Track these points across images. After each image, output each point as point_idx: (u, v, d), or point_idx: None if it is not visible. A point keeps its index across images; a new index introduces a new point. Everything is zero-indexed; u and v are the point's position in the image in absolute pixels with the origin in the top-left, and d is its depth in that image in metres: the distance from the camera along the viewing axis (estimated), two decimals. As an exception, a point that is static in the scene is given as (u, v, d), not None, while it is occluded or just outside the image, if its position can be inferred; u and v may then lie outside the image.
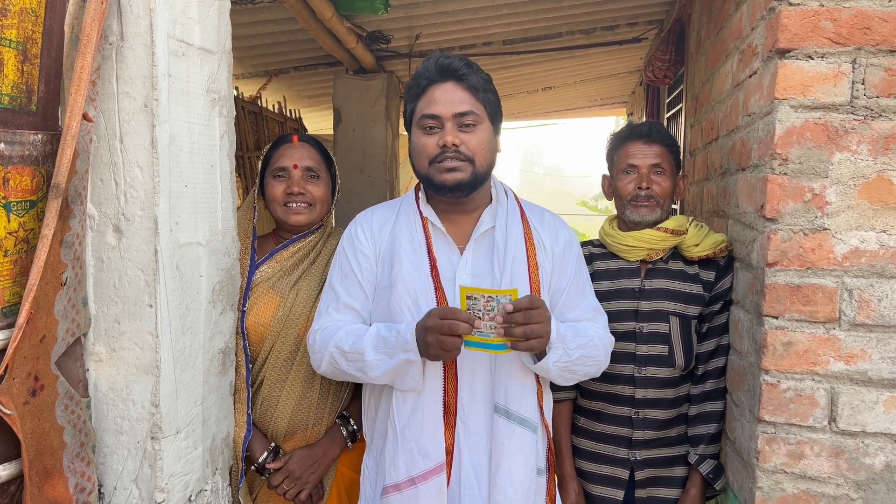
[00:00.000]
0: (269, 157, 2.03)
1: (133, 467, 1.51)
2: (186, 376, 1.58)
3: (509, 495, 1.64)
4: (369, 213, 1.83)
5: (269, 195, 2.00)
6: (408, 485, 1.63)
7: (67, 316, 1.38)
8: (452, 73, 1.67)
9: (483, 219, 1.74)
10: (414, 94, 1.72)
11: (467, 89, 1.67)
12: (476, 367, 1.67)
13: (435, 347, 1.52)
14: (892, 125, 1.63)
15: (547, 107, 8.86)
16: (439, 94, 1.67)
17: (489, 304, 1.50)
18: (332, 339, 1.68)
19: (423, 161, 1.68)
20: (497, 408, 1.66)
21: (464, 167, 1.65)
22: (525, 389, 1.68)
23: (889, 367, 1.65)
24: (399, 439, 1.65)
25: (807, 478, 1.70)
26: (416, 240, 1.70)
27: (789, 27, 1.65)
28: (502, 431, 1.65)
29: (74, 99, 1.32)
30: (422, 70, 1.71)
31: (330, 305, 1.76)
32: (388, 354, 1.60)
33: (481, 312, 1.51)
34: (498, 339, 1.52)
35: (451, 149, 1.64)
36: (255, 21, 4.39)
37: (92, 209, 1.48)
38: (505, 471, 1.64)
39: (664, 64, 4.11)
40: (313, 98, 6.99)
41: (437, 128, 1.66)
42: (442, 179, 1.65)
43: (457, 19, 4.69)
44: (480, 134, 1.67)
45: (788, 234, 1.68)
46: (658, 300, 2.01)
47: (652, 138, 2.05)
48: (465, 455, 1.66)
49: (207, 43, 1.63)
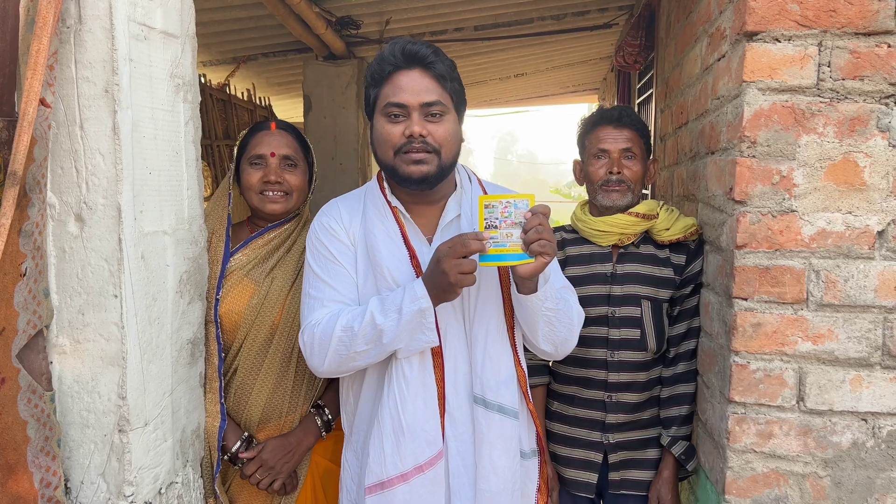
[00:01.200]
0: (246, 143, 1.99)
1: (100, 461, 1.48)
2: (154, 367, 1.55)
3: (492, 482, 1.65)
4: (335, 206, 1.77)
5: (245, 182, 1.97)
6: (415, 473, 1.60)
7: (28, 307, 1.35)
8: (420, 61, 1.62)
9: (448, 207, 1.72)
10: (377, 80, 1.65)
11: (434, 78, 1.62)
12: (458, 362, 1.66)
13: (453, 273, 1.46)
14: (857, 107, 1.65)
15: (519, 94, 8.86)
16: (406, 81, 1.61)
17: (507, 209, 1.46)
18: (336, 324, 1.59)
19: (388, 151, 1.63)
20: (475, 398, 1.65)
21: (430, 159, 1.61)
22: (502, 378, 1.67)
23: (855, 347, 1.68)
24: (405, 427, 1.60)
25: (776, 457, 1.72)
26: (391, 230, 1.67)
27: (756, 10, 1.65)
28: (482, 421, 1.65)
29: (31, 84, 1.28)
30: (387, 55, 1.64)
31: (324, 297, 1.67)
32: (397, 312, 1.54)
33: (498, 220, 1.47)
34: (515, 248, 1.48)
35: (418, 139, 1.59)
36: (221, 6, 4.31)
37: (52, 198, 1.44)
38: (486, 459, 1.64)
39: (635, 49, 4.13)
40: (283, 85, 6.91)
41: (403, 116, 1.61)
42: (408, 172, 1.61)
43: (427, 4, 4.65)
44: (447, 124, 1.64)
45: (757, 216, 1.69)
46: (630, 284, 2.02)
47: (622, 123, 2.05)
48: (453, 445, 1.65)
49: (170, 27, 1.59)
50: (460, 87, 1.69)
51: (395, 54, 1.63)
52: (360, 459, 1.73)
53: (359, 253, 1.69)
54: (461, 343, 1.66)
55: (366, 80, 1.70)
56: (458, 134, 1.69)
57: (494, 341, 1.67)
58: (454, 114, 1.67)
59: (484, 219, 1.48)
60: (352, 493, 1.75)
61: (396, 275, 1.63)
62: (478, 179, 1.80)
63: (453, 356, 1.65)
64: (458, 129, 1.69)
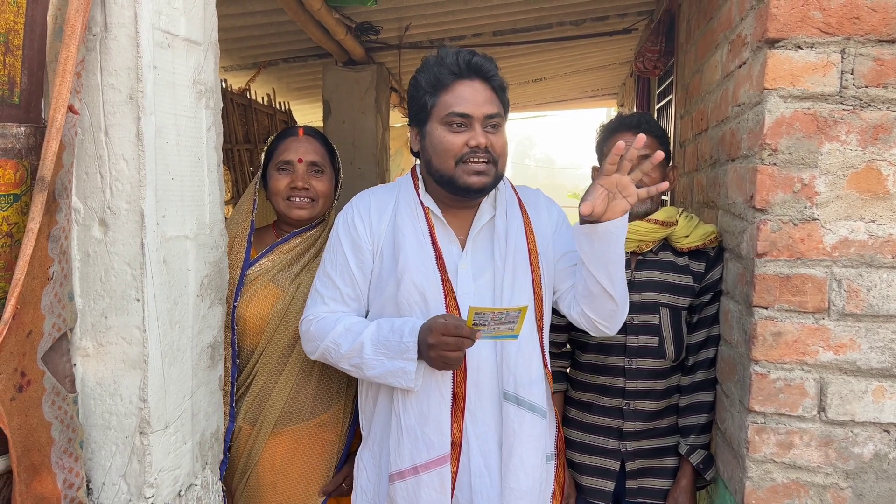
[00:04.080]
0: (274, 148, 2.02)
1: (121, 462, 1.50)
2: (175, 371, 1.57)
3: (522, 481, 1.66)
4: (366, 199, 1.79)
5: (273, 188, 1.99)
6: (411, 472, 1.64)
7: (54, 311, 1.37)
8: (482, 73, 1.66)
9: (482, 209, 1.74)
10: (437, 88, 1.66)
11: (493, 90, 1.67)
12: (481, 363, 1.67)
13: (438, 362, 1.55)
14: (880, 115, 1.63)
15: (538, 98, 8.85)
16: (469, 92, 1.64)
17: (497, 317, 1.51)
18: (330, 333, 1.67)
19: (448, 160, 1.64)
20: (507, 395, 1.66)
21: (489, 170, 1.65)
22: (533, 377, 1.69)
23: (878, 357, 1.66)
24: (404, 428, 1.65)
25: (796, 467, 1.70)
26: (420, 231, 1.69)
27: (779, 17, 1.64)
28: (513, 418, 1.65)
29: (59, 91, 1.30)
30: (448, 62, 1.65)
31: (326, 294, 1.75)
32: (386, 356, 1.61)
33: (490, 325, 1.52)
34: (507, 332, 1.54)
35: (483, 150, 1.63)
36: (243, 12, 4.35)
37: (77, 203, 1.46)
38: (517, 457, 1.65)
39: (654, 55, 4.11)
40: (302, 90, 6.95)
41: (466, 126, 1.64)
42: (468, 182, 1.64)
43: (447, 10, 4.66)
44: (503, 136, 1.69)
45: (778, 224, 1.68)
46: (648, 292, 2.01)
47: (641, 129, 2.04)
48: (474, 444, 1.66)
49: (193, 34, 1.61)
50: (507, 99, 1.74)
51: (457, 63, 1.65)
52: (376, 460, 1.76)
53: (384, 251, 1.71)
54: (487, 340, 1.67)
55: (416, 88, 1.71)
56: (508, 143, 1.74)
57: (528, 339, 1.69)
58: (505, 125, 1.72)
59: (473, 322, 1.52)
60: (368, 494, 1.77)
61: (418, 278, 1.65)
62: (510, 183, 1.83)
63: (476, 355, 1.66)
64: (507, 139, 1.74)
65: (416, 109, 1.72)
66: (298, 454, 1.94)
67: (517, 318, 1.51)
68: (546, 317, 1.76)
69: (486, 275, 1.69)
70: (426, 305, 1.63)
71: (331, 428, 1.97)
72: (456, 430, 1.65)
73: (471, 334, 1.52)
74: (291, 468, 1.93)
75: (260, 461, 1.92)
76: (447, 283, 1.65)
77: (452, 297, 1.65)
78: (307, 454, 1.95)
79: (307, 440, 1.94)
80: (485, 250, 1.71)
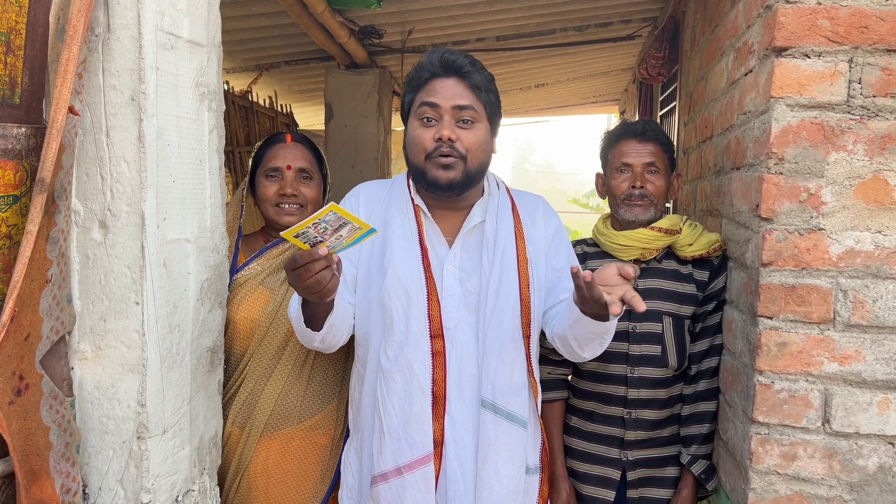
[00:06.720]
0: (262, 155, 2.01)
1: (118, 467, 1.48)
2: (174, 375, 1.56)
3: (495, 491, 1.63)
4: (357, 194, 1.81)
5: (261, 195, 1.99)
6: (394, 474, 1.62)
7: (52, 314, 1.35)
8: (456, 70, 1.65)
9: (474, 212, 1.73)
10: (414, 86, 1.70)
11: (469, 87, 1.66)
12: (465, 363, 1.66)
13: (308, 293, 1.43)
14: (888, 125, 1.62)
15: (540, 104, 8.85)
16: (440, 86, 1.65)
17: (318, 227, 1.36)
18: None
19: (419, 154, 1.66)
20: (484, 402, 1.64)
21: (456, 164, 1.63)
22: (514, 385, 1.66)
23: (883, 369, 1.64)
24: (385, 430, 1.63)
25: (800, 479, 1.69)
26: (409, 228, 1.69)
27: (786, 25, 1.63)
28: (489, 426, 1.63)
29: (60, 91, 1.29)
30: (425, 62, 1.69)
31: None
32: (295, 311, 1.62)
33: (318, 237, 1.38)
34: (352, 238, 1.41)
35: (446, 143, 1.62)
36: (246, 14, 4.35)
37: (77, 204, 1.45)
38: (492, 466, 1.63)
39: (658, 61, 4.10)
40: (305, 93, 6.94)
41: (435, 119, 1.64)
42: (435, 176, 1.64)
43: (450, 14, 4.66)
44: (477, 132, 1.66)
45: (783, 233, 1.67)
46: (651, 300, 2.00)
47: (646, 137, 2.04)
48: (451, 448, 1.65)
49: (196, 36, 1.60)
50: (496, 99, 1.72)
51: (432, 62, 1.67)
52: (360, 457, 1.75)
53: (373, 245, 1.70)
54: (470, 344, 1.66)
55: (404, 88, 1.75)
56: (489, 144, 1.71)
57: (509, 347, 1.66)
58: (486, 124, 1.69)
59: (305, 243, 1.38)
60: (353, 491, 1.76)
61: (403, 272, 1.64)
62: (506, 187, 1.81)
63: (458, 357, 1.65)
64: (488, 139, 1.70)
65: (403, 110, 1.76)
66: (290, 458, 1.93)
67: (341, 218, 1.36)
68: (534, 325, 1.71)
69: (473, 279, 1.68)
70: (408, 301, 1.62)
71: (323, 431, 1.95)
72: (437, 429, 1.63)
73: (310, 257, 1.36)
74: (283, 472, 1.92)
75: (250, 465, 1.90)
76: (431, 281, 1.65)
77: (435, 294, 1.65)
78: (299, 458, 1.93)
79: (298, 443, 1.93)
80: (473, 254, 1.70)
